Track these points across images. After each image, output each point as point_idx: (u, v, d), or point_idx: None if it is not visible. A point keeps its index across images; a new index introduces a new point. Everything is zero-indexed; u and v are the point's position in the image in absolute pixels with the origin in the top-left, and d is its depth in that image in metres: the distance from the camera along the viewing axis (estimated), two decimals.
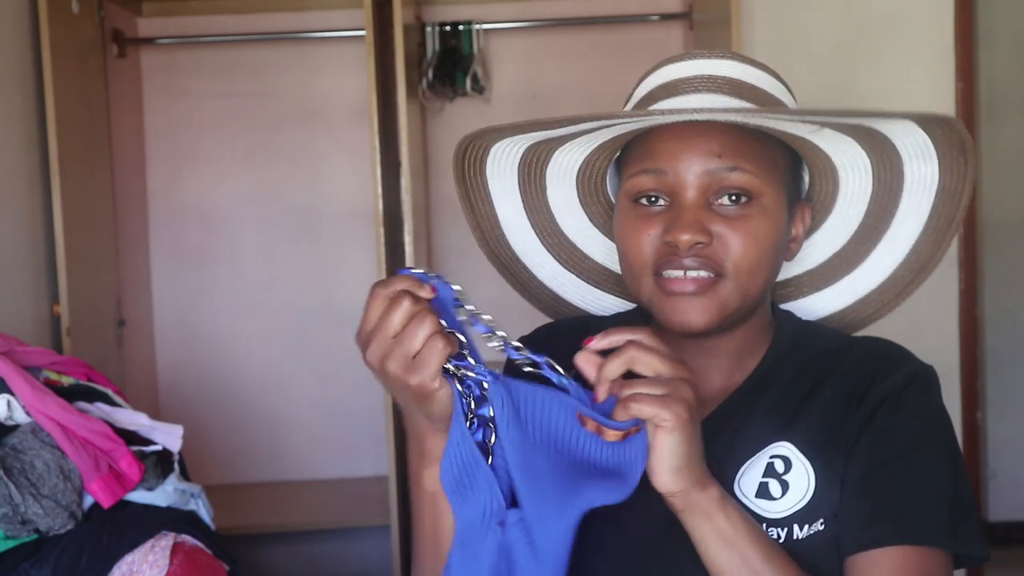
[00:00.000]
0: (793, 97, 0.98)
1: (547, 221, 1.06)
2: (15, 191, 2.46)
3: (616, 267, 1.09)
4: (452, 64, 3.07)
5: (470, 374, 0.80)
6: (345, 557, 3.20)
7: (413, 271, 0.81)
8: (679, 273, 0.90)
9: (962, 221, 0.98)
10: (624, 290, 1.11)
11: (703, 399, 0.99)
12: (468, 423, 0.81)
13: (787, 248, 0.97)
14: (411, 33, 2.80)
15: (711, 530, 0.82)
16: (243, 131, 3.26)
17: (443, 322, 0.79)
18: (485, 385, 0.80)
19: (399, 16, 2.62)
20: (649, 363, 0.80)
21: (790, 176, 0.96)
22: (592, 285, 1.12)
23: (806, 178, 1.00)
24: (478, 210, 1.05)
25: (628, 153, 0.96)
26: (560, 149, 0.99)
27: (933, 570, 0.87)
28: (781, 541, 0.90)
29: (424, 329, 0.76)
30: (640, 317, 1.06)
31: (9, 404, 1.73)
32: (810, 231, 1.03)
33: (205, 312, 3.29)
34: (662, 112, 0.88)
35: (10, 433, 1.71)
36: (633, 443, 0.82)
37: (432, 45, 3.07)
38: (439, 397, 0.79)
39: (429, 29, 3.07)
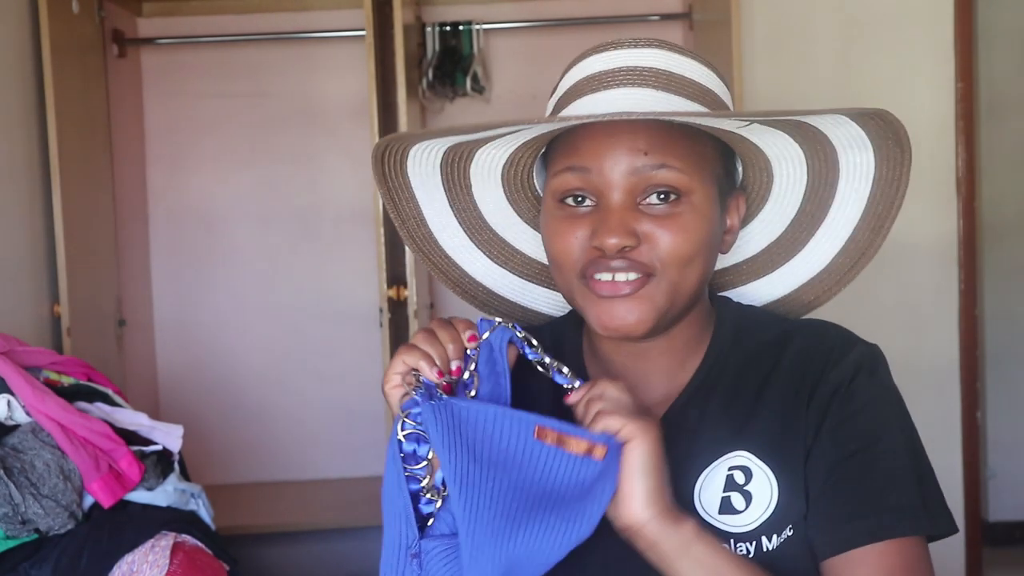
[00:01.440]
0: (724, 83, 0.96)
1: (474, 218, 1.03)
2: (15, 191, 2.46)
3: (544, 258, 1.07)
4: (452, 64, 3.07)
5: (411, 394, 0.85)
6: (345, 557, 3.19)
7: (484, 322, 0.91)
8: (608, 276, 0.89)
9: (899, 209, 0.96)
10: (554, 282, 1.09)
11: (646, 407, 0.95)
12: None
13: (722, 240, 0.95)
14: (411, 33, 2.81)
15: (691, 564, 0.81)
16: (243, 131, 3.26)
17: (469, 365, 0.88)
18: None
19: (399, 16, 2.63)
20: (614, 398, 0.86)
21: (722, 169, 0.93)
22: (525, 279, 1.09)
23: (740, 168, 0.98)
24: (403, 211, 1.01)
25: (553, 149, 0.93)
26: (482, 149, 0.96)
27: (912, 558, 0.86)
28: (751, 555, 0.88)
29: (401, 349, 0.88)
30: (574, 322, 1.04)
31: (9, 404, 1.73)
32: (746, 220, 1.01)
33: (205, 312, 3.29)
34: (577, 117, 0.84)
35: (10, 433, 1.71)
36: (599, 464, 0.81)
37: (432, 45, 3.07)
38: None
39: (429, 29, 3.07)
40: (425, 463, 0.84)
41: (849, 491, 0.87)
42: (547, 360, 0.90)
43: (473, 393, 0.86)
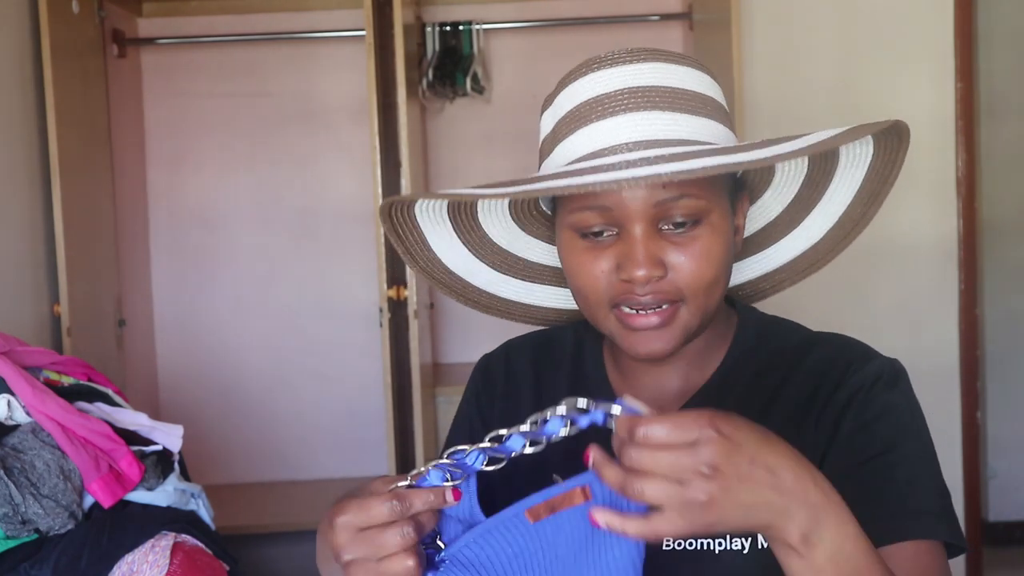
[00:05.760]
0: (716, 82, 0.95)
1: (478, 238, 1.04)
2: (15, 191, 2.46)
3: (549, 262, 1.08)
4: (452, 64, 3.07)
5: None
6: None
7: (424, 476, 0.76)
8: (639, 308, 0.88)
9: (893, 185, 0.96)
10: (561, 280, 1.09)
11: (660, 406, 0.94)
12: None
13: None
14: (411, 33, 2.81)
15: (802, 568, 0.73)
16: (243, 131, 3.26)
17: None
18: None
19: (399, 16, 2.62)
20: (659, 463, 0.69)
21: (731, 177, 0.93)
22: (527, 281, 1.10)
23: None
24: (406, 239, 1.02)
25: None
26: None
27: (933, 562, 0.85)
28: (745, 551, 0.88)
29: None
30: (590, 327, 1.03)
31: (9, 404, 1.73)
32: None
33: (205, 312, 3.29)
34: (595, 172, 0.82)
35: (10, 433, 1.71)
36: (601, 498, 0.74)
37: (432, 45, 3.07)
38: None
39: (429, 29, 3.07)
40: None
41: (867, 493, 0.86)
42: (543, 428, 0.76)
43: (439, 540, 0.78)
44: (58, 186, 2.50)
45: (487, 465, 0.76)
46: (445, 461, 0.76)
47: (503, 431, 0.76)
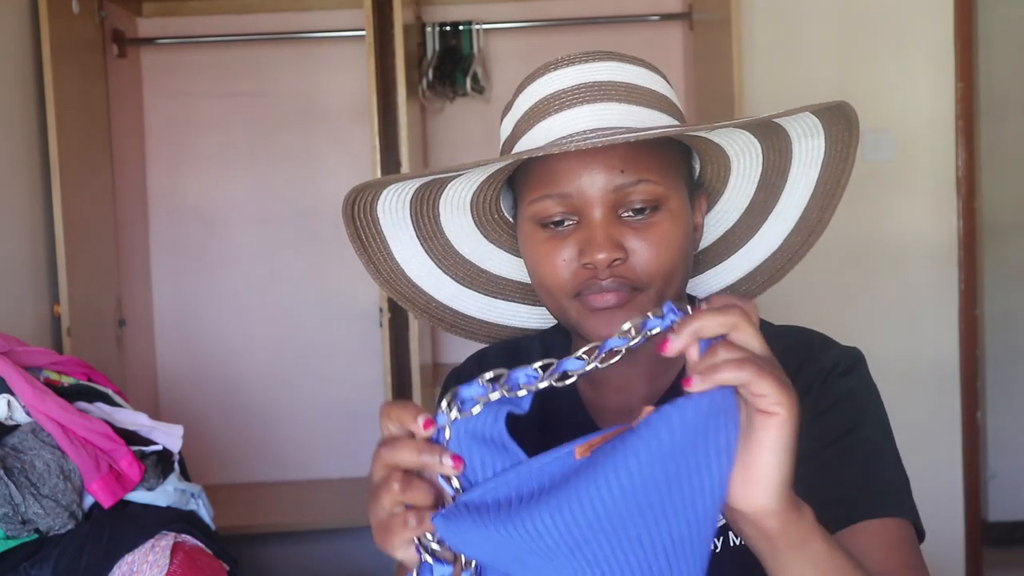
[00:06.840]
0: (670, 84, 0.97)
1: (441, 245, 1.04)
2: (15, 191, 2.46)
3: (513, 276, 1.08)
4: (452, 64, 3.07)
5: (428, 559, 0.68)
6: (345, 557, 3.20)
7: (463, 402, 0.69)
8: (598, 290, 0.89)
9: (845, 187, 0.97)
10: (525, 297, 1.10)
11: (628, 408, 0.94)
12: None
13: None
14: (411, 33, 2.81)
15: (804, 561, 0.67)
16: (243, 131, 3.26)
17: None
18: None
19: (399, 16, 2.63)
20: (748, 339, 0.66)
21: (687, 170, 0.95)
22: (491, 296, 1.10)
23: (696, 166, 1.00)
24: (370, 247, 1.02)
25: (525, 174, 0.93)
26: (451, 184, 0.97)
27: (903, 536, 0.85)
28: (718, 550, 0.89)
29: (390, 497, 0.72)
30: (561, 334, 1.05)
31: (9, 404, 1.73)
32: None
33: (205, 312, 3.29)
34: (559, 142, 0.84)
35: (10, 433, 1.71)
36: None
37: (432, 45, 3.08)
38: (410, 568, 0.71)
39: (429, 29, 3.07)
40: None
41: (831, 476, 0.87)
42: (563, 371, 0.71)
43: (456, 484, 0.68)
44: (58, 186, 2.50)
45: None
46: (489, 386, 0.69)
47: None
